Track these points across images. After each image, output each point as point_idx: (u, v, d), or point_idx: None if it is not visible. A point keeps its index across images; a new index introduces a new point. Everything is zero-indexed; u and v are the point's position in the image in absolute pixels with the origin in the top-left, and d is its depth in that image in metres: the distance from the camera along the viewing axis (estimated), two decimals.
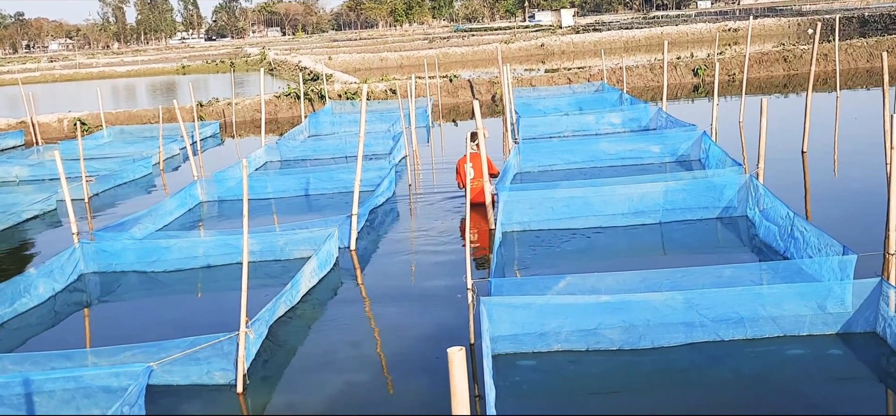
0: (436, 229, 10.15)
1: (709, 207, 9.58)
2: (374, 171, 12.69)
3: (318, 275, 8.24)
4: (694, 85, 25.16)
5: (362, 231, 10.01)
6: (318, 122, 20.61)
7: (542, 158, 13.19)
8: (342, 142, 16.69)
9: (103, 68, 63.64)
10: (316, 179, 12.91)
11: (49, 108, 30.64)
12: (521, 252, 9.06)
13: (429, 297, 7.67)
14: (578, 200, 9.70)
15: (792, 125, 14.46)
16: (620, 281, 6.87)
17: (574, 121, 16.96)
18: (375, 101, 24.26)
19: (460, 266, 7.64)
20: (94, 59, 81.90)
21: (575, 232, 9.43)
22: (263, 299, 7.27)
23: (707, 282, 6.78)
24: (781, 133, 14.26)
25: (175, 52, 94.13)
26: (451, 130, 20.33)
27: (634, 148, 13.35)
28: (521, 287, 6.92)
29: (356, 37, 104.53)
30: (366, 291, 8.15)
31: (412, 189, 12.69)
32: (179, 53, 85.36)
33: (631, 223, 9.53)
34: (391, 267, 8.78)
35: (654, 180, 9.95)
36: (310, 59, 46.36)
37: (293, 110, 25.06)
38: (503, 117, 17.42)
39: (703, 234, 9.14)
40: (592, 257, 8.67)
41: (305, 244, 9.10)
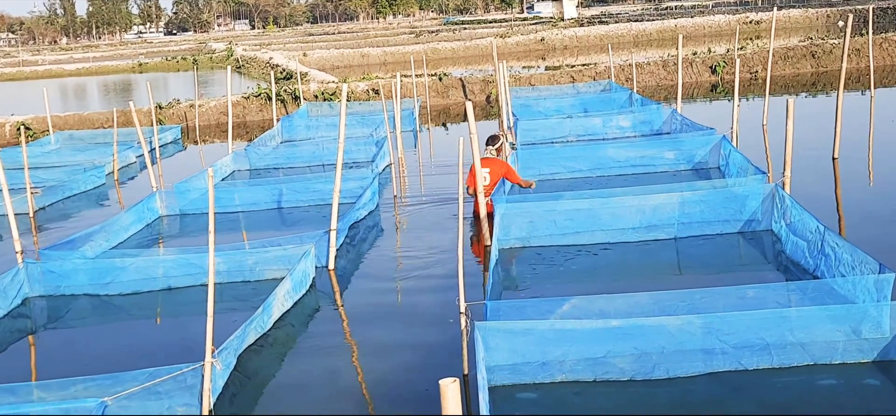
0: (425, 244, 10.15)
1: (729, 220, 9.62)
2: (355, 180, 12.69)
3: (292, 298, 8.23)
4: (712, 84, 25.30)
5: (342, 248, 10.00)
6: (291, 126, 20.60)
7: (543, 166, 13.22)
8: (319, 148, 16.68)
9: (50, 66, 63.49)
10: (290, 190, 12.90)
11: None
12: (520, 271, 9.07)
13: (417, 322, 7.66)
14: (584, 212, 9.72)
15: (821, 129, 14.55)
16: (631, 304, 6.88)
17: (578, 124, 17.00)
18: (356, 102, 24.27)
19: (453, 287, 7.63)
20: (39, 56, 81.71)
21: (580, 249, 9.45)
22: (231, 325, 7.26)
23: (728, 304, 6.80)
24: (810, 137, 14.34)
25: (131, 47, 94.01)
26: (442, 135, 20.34)
27: (646, 154, 13.39)
28: (520, 311, 6.92)
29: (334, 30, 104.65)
30: (346, 315, 8.14)
31: (398, 201, 12.70)
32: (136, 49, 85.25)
33: (643, 239, 9.55)
34: (375, 288, 8.77)
35: (669, 191, 9.99)
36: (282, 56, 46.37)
37: (264, 113, 25.04)
38: (499, 120, 17.47)
39: (724, 250, 9.17)
40: (600, 276, 8.68)
41: (278, 263, 9.08)
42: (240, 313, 7.88)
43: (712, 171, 12.77)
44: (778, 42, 30.06)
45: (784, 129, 9.06)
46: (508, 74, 24.41)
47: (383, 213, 11.98)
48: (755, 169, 10.59)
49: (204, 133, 23.29)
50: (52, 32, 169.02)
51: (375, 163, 14.40)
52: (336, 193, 9.54)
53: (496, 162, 11.14)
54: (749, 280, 7.57)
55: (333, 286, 8.96)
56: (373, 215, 11.71)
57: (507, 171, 11.13)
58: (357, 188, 12.37)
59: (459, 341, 6.53)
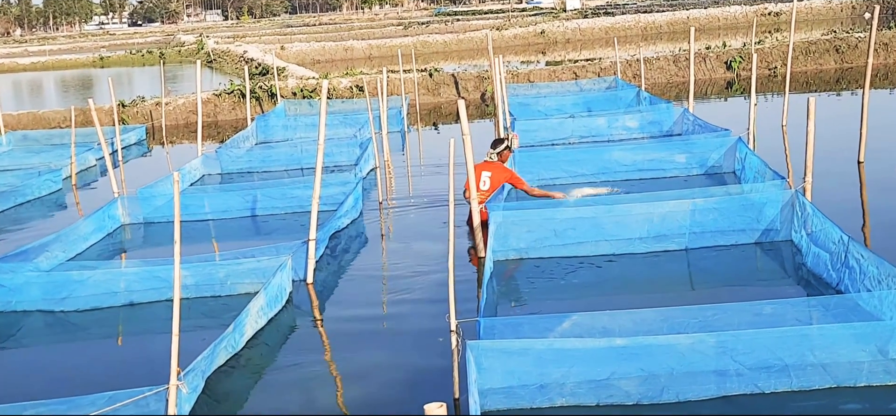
0: (413, 255, 10.15)
1: (745, 229, 9.64)
2: (337, 186, 12.69)
3: (266, 314, 8.22)
4: (727, 81, 25.38)
5: (322, 260, 10.00)
6: (267, 126, 20.59)
7: (543, 170, 13.24)
8: (297, 151, 16.67)
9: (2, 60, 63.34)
10: (265, 196, 12.90)
11: None
12: (517, 286, 9.07)
13: (404, 341, 7.66)
14: (587, 221, 9.74)
15: (846, 130, 14.59)
16: (638, 321, 6.89)
17: (581, 125, 17.04)
18: (338, 100, 24.27)
19: (443, 302, 7.63)
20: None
21: (582, 261, 9.47)
22: (200, 345, 7.22)
23: (743, 321, 6.81)
24: (833, 139, 14.40)
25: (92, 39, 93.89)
26: (432, 136, 20.35)
27: (655, 158, 13.43)
28: (516, 329, 6.92)
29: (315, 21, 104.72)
30: (326, 334, 8.13)
31: (384, 208, 12.71)
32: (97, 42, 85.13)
33: (651, 250, 9.57)
34: (357, 304, 8.76)
35: (679, 198, 10.00)
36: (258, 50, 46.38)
37: (237, 112, 25.02)
38: (495, 120, 17.49)
39: (739, 263, 9.19)
40: (604, 291, 8.69)
41: (251, 277, 9.07)
42: (209, 332, 7.86)
43: (727, 176, 12.80)
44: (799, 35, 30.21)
45: (805, 130, 9.09)
46: (505, 70, 24.43)
47: (368, 221, 11.97)
48: (773, 174, 10.62)
49: (171, 134, 23.26)
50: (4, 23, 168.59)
51: (359, 166, 14.39)
52: (315, 199, 9.53)
53: (499, 167, 11.16)
54: (766, 295, 7.57)
55: (312, 302, 8.95)
56: (356, 224, 11.71)
57: (512, 177, 11.16)
58: (339, 194, 12.37)
59: (450, 362, 6.52)
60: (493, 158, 11.33)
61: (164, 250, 10.86)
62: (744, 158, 12.27)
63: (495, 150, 11.37)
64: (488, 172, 10.98)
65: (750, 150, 12.28)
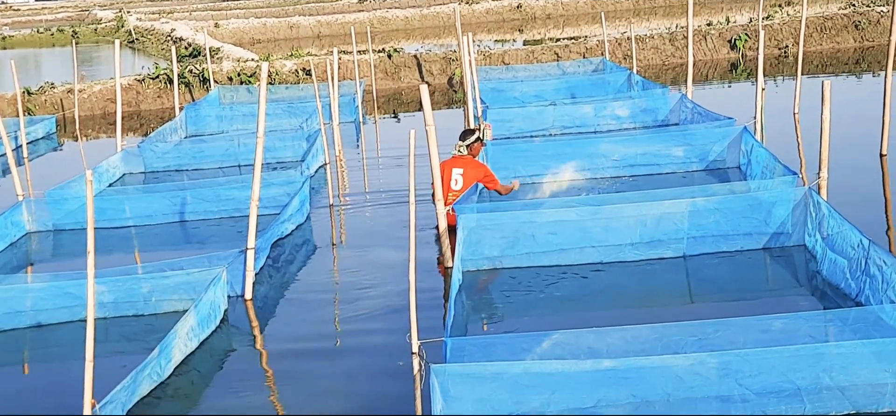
0: (369, 265, 10.13)
1: (752, 233, 9.69)
2: (280, 186, 12.64)
3: (198, 336, 8.17)
4: (731, 62, 25.55)
5: (263, 272, 9.96)
6: (199, 116, 20.45)
7: (520, 167, 13.23)
8: (234, 145, 16.58)
9: None
10: (196, 198, 12.83)
11: None
12: (490, 300, 9.07)
13: (358, 365, 7.63)
14: (570, 225, 9.75)
15: (866, 118, 14.71)
16: (629, 339, 6.90)
17: (564, 113, 17.05)
18: (282, 86, 24.14)
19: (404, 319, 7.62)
20: None
21: (565, 270, 9.48)
22: (119, 372, 7.15)
23: (750, 339, 6.84)
24: (852, 129, 14.48)
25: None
26: (392, 128, 20.30)
27: (648, 151, 13.48)
28: (489, 350, 6.91)
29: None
30: (267, 358, 8.10)
31: (335, 210, 12.68)
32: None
33: (644, 257, 9.61)
34: (304, 323, 8.73)
35: (677, 197, 10.03)
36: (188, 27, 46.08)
37: (163, 100, 24.85)
38: (464, 108, 17.46)
39: (745, 271, 9.24)
40: (590, 305, 8.71)
41: (180, 292, 9.02)
42: (130, 357, 7.79)
43: (731, 171, 12.88)
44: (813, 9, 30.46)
45: (819, 118, 9.14)
46: (476, 51, 24.44)
47: (316, 226, 11.93)
48: (784, 169, 10.68)
49: (86, 126, 23.03)
50: None
51: (306, 163, 14.33)
52: (255, 202, 9.48)
53: (472, 162, 11.08)
54: (776, 309, 7.61)
55: (251, 322, 8.91)
56: (302, 230, 11.67)
57: (486, 175, 11.11)
58: (282, 195, 12.32)
59: (411, 389, 6.51)
60: (463, 152, 11.23)
61: (77, 262, 10.66)
62: (750, 151, 12.35)
63: (465, 142, 11.20)
64: (460, 168, 10.89)
65: (757, 141, 12.35)
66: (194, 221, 12.62)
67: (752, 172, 12.01)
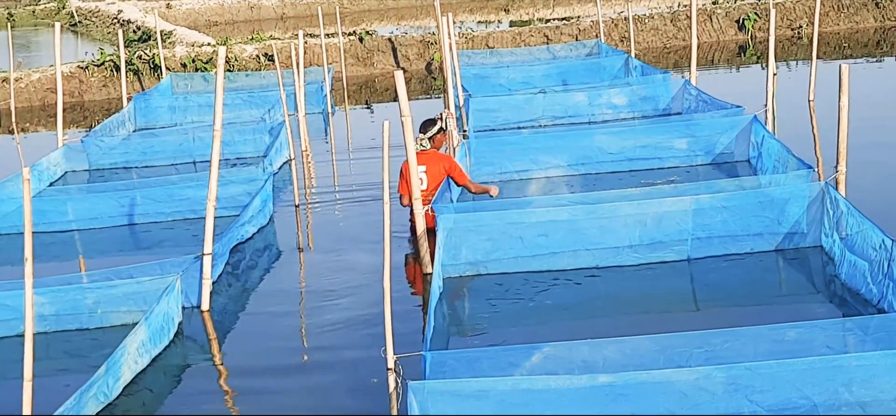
0: (339, 271, 10.12)
1: (763, 233, 9.70)
2: (241, 184, 12.63)
3: (149, 352, 8.13)
4: (739, 44, 25.64)
5: (221, 280, 9.93)
6: (149, 107, 20.41)
7: (506, 161, 13.26)
8: (188, 139, 16.56)
9: None
10: (146, 198, 12.79)
11: None
12: (474, 309, 9.05)
13: (327, 383, 7.63)
14: (562, 226, 9.72)
15: (888, 105, 14.80)
16: (628, 351, 6.89)
17: (555, 102, 17.06)
18: (242, 73, 24.12)
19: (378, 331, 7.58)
20: None
21: (557, 276, 9.47)
22: (62, 392, 7.13)
23: (761, 350, 6.84)
24: (873, 118, 14.55)
25: None
26: (364, 119, 20.31)
27: (649, 143, 13.50)
28: (473, 364, 6.89)
29: None
30: (227, 375, 8.07)
31: (302, 211, 12.65)
32: None
33: (644, 261, 9.60)
34: (267, 336, 8.70)
35: (680, 194, 10.04)
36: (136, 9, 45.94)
37: (109, 89, 24.78)
38: (445, 97, 17.49)
39: (755, 275, 9.24)
40: (584, 314, 8.69)
41: (129, 304, 8.99)
42: (74, 375, 7.78)
43: (739, 165, 12.91)
44: None
45: (837, 106, 9.15)
46: (457, 33, 24.42)
47: (281, 228, 11.93)
48: (798, 162, 10.70)
49: (23, 118, 22.97)
50: None
51: (269, 159, 14.33)
52: (211, 202, 9.42)
53: (434, 156, 11.02)
54: (790, 316, 7.62)
55: (208, 335, 8.89)
56: (265, 233, 11.65)
57: (451, 167, 11.03)
58: (242, 195, 12.30)
59: (387, 408, 6.48)
60: (426, 146, 11.08)
61: (13, 271, 10.70)
62: (760, 143, 12.37)
63: (426, 134, 11.07)
64: (423, 165, 10.84)
65: (768, 132, 12.37)
66: (145, 223, 12.58)
67: (763, 165, 12.03)
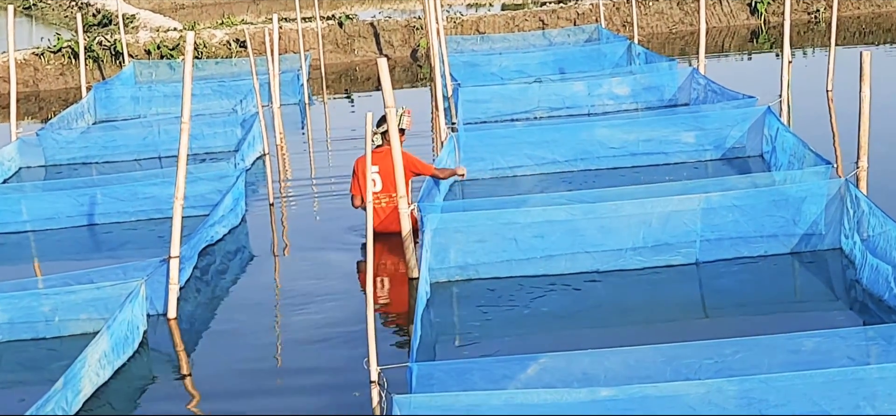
0: (316, 276, 10.13)
1: (777, 234, 9.70)
2: (210, 181, 12.61)
3: (112, 363, 8.09)
4: (751, 29, 25.65)
5: (189, 286, 9.91)
6: (110, 98, 20.37)
7: (498, 156, 13.26)
8: (153, 132, 16.54)
9: None
10: (108, 197, 12.76)
11: None
12: (464, 317, 9.03)
13: (305, 397, 7.61)
14: (560, 227, 9.71)
15: None
16: (631, 363, 6.88)
17: (551, 92, 17.06)
18: (211, 60, 24.10)
19: (359, 340, 7.57)
20: None
21: (554, 281, 9.46)
22: (16, 408, 7.20)
23: (776, 361, 6.83)
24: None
25: None
26: (344, 110, 20.29)
27: (653, 137, 13.51)
28: (463, 377, 6.87)
29: None
30: (195, 389, 8.05)
31: (277, 209, 12.66)
32: None
33: (648, 264, 9.59)
34: (239, 346, 8.68)
35: (687, 192, 10.03)
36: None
37: (67, 78, 24.74)
38: (432, 86, 17.46)
39: (769, 280, 9.25)
40: (584, 322, 8.69)
41: (89, 311, 8.95)
42: (29, 388, 7.78)
43: (752, 160, 12.93)
44: None
45: (857, 96, 9.14)
46: (445, 17, 24.40)
47: (253, 228, 11.93)
48: (815, 157, 10.73)
49: None
50: None
51: (241, 153, 14.31)
52: (179, 200, 9.38)
53: (386, 154, 10.79)
54: (807, 324, 7.63)
55: (176, 345, 8.86)
56: (237, 234, 11.65)
57: (412, 162, 10.79)
58: (212, 193, 12.28)
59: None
60: (379, 142, 10.91)
61: None
62: (774, 136, 12.37)
63: (381, 128, 10.87)
64: (377, 165, 10.79)
65: (783, 124, 12.39)
66: (106, 224, 12.56)
67: (778, 161, 12.04)
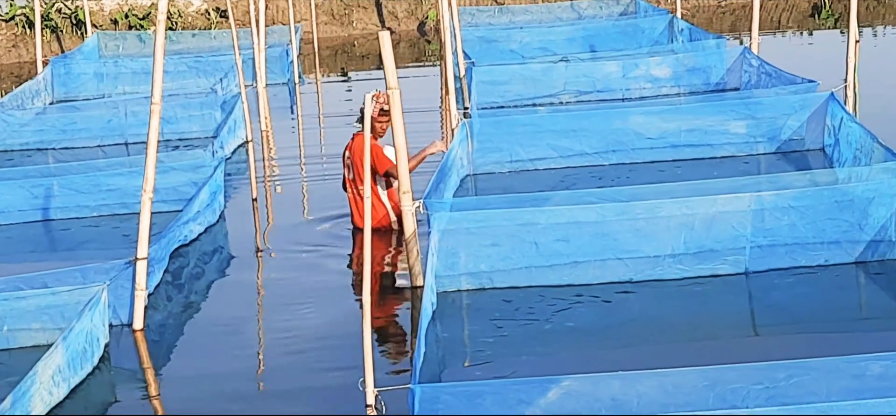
0: (306, 282, 10.19)
1: (840, 241, 9.71)
2: (184, 171, 12.65)
3: (68, 380, 8.09)
4: (813, 3, 25.63)
5: (158, 292, 9.95)
6: (70, 74, 20.44)
7: (517, 147, 13.31)
8: (119, 114, 16.58)
9: None
10: (66, 188, 12.82)
11: None
12: (475, 332, 9.06)
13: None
14: (588, 229, 9.74)
15: None
16: (669, 387, 6.89)
17: (580, 73, 17.09)
18: (187, 32, 24.13)
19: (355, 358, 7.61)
20: None
21: (580, 292, 9.49)
22: None
23: (837, 387, 6.82)
24: None
25: None
26: (339, 91, 20.31)
27: (697, 126, 13.56)
28: (473, 401, 6.87)
29: None
30: (164, 410, 8.07)
31: (260, 204, 12.74)
32: None
33: (690, 274, 9.62)
34: (215, 361, 8.71)
35: (736, 190, 10.01)
36: None
37: (21, 51, 24.82)
38: (442, 65, 17.51)
39: (829, 293, 9.27)
40: (614, 340, 8.71)
41: (42, 319, 8.98)
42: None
43: (811, 155, 12.96)
44: None
45: None
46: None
47: (233, 226, 12.01)
48: (886, 152, 10.74)
49: None
50: None
51: (221, 140, 14.34)
52: (147, 194, 9.37)
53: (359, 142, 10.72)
54: (874, 346, 7.58)
55: (142, 360, 8.90)
56: (214, 232, 11.72)
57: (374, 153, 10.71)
58: (187, 185, 12.34)
59: None
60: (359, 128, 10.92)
61: None
62: (838, 127, 12.38)
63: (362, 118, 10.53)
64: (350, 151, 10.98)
65: (848, 113, 12.39)
66: (63, 219, 12.63)
67: (842, 156, 12.06)
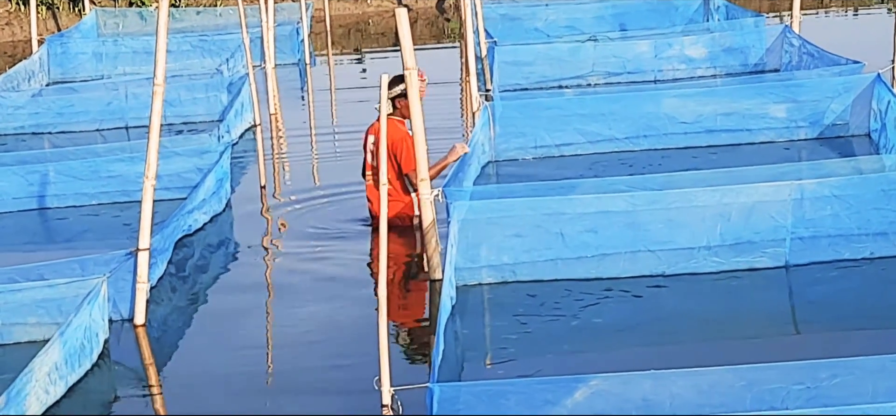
0: (317, 276, 10.21)
1: (888, 232, 9.70)
2: (189, 157, 12.66)
3: (65, 378, 8.11)
4: None
5: (161, 285, 9.97)
6: (67, 54, 20.46)
7: (542, 132, 13.33)
8: (119, 96, 16.60)
9: None
10: (63, 174, 12.86)
11: None
12: (497, 328, 9.09)
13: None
14: (617, 219, 9.75)
15: None
16: (704, 388, 6.89)
17: (609, 54, 17.07)
18: (192, 9, 24.14)
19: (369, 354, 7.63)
20: None
21: (609, 286, 9.51)
22: None
23: (884, 387, 6.81)
24: None
25: None
26: (353, 72, 20.31)
27: (734, 110, 13.55)
28: (495, 401, 6.88)
29: None
30: (167, 409, 8.08)
31: (269, 192, 12.79)
32: None
33: (726, 267, 9.62)
34: (221, 359, 8.73)
35: (776, 178, 10.02)
36: None
37: (14, 29, 24.84)
38: (462, 44, 17.50)
39: (876, 288, 9.28)
40: (645, 336, 8.72)
41: (38, 314, 9.01)
42: None
43: (856, 140, 12.94)
44: None
45: None
46: None
47: (240, 216, 12.06)
48: None
49: None
50: None
51: (227, 124, 14.35)
52: (150, 181, 9.41)
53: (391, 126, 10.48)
54: None
55: (143, 357, 8.93)
56: (220, 222, 11.75)
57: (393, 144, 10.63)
58: (191, 171, 12.36)
59: None
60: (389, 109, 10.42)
61: None
62: (885, 111, 12.37)
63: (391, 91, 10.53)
64: (373, 136, 10.92)
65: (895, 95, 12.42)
66: (61, 208, 12.67)
67: (889, 141, 12.06)
